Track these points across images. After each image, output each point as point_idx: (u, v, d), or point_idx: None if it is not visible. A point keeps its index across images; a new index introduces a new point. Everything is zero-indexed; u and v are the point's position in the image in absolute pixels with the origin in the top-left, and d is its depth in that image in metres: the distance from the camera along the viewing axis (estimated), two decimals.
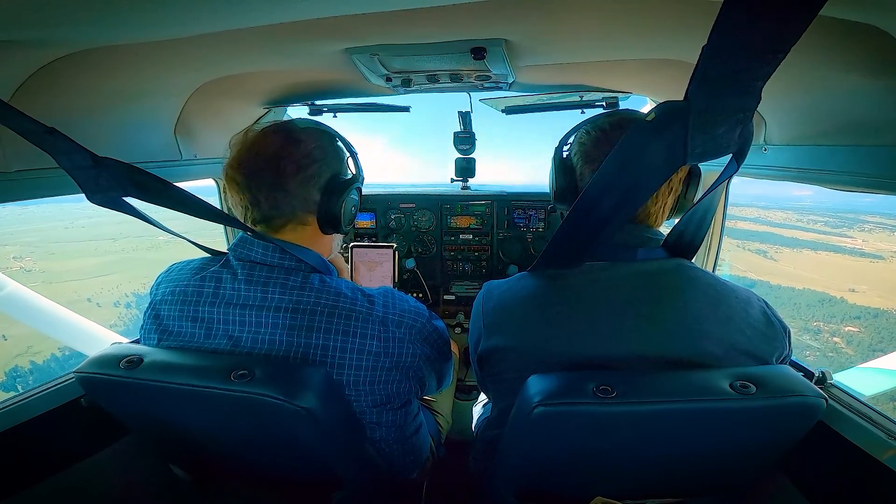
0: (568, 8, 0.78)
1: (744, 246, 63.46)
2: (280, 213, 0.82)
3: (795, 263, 56.77)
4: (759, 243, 63.63)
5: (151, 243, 54.94)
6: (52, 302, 1.82)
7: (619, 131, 0.79)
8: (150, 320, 0.83)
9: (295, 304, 0.76)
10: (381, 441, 0.89)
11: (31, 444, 0.93)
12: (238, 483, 0.97)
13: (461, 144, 1.85)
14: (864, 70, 0.77)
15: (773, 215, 75.18)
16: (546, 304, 0.78)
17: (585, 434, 0.68)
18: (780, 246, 63.20)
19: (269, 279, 0.78)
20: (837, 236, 65.33)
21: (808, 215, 69.19)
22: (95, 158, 0.70)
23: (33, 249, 59.30)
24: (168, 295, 0.81)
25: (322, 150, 0.83)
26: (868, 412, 0.85)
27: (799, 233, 65.71)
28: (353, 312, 0.78)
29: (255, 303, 0.77)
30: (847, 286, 44.67)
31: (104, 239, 59.53)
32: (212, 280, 0.80)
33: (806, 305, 44.24)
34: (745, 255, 61.21)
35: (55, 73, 0.85)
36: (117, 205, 0.76)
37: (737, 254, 61.84)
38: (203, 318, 0.78)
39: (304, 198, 0.82)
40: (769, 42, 0.46)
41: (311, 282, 0.79)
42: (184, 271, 0.84)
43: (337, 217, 0.85)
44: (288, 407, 0.65)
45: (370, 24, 0.83)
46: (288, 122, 0.85)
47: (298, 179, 0.80)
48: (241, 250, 0.81)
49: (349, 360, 0.77)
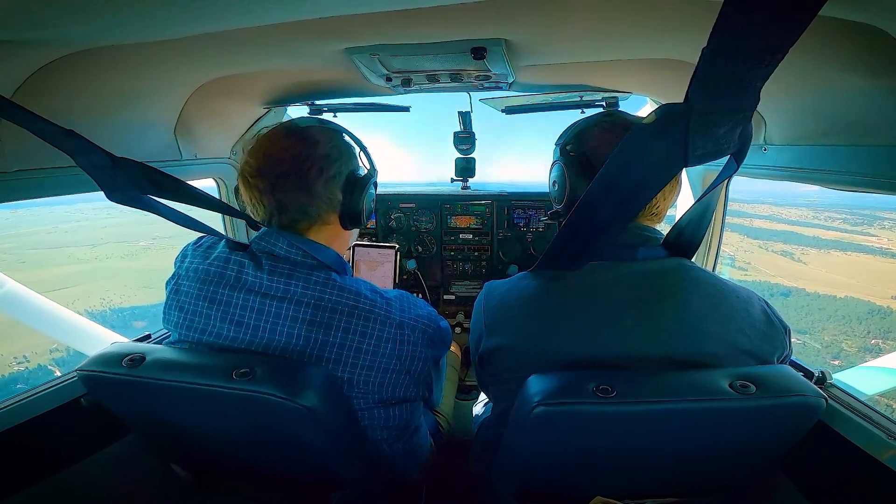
0: (568, 8, 0.78)
1: (766, 247, 59.65)
2: (306, 215, 0.82)
3: (827, 266, 52.67)
4: (782, 244, 59.88)
5: (128, 251, 52.77)
6: (52, 302, 1.82)
7: (620, 133, 0.79)
8: (172, 294, 0.84)
9: (317, 300, 0.77)
10: (382, 441, 0.90)
11: (31, 443, 0.93)
12: (238, 482, 0.97)
13: (461, 144, 1.85)
14: (864, 70, 0.77)
15: (788, 212, 71.05)
16: (547, 303, 0.78)
17: (585, 434, 0.69)
18: (806, 246, 59.12)
19: (294, 273, 0.79)
20: (860, 234, 61.62)
21: (825, 212, 65.22)
22: (114, 159, 0.71)
23: (5, 257, 57.51)
24: (192, 272, 0.82)
25: (338, 149, 0.84)
26: (868, 412, 0.85)
27: (820, 231, 61.80)
28: (372, 314, 0.78)
29: (278, 294, 0.77)
30: (889, 292, 41.43)
31: (84, 245, 57.23)
32: (235, 264, 0.80)
33: (856, 318, 39.92)
34: (771, 258, 57.11)
35: (55, 73, 0.85)
36: (136, 202, 0.77)
37: (761, 256, 58.02)
38: (221, 301, 0.79)
39: (329, 198, 0.83)
40: (769, 43, 0.46)
41: (334, 280, 0.80)
42: (212, 248, 0.84)
43: (359, 213, 0.86)
44: (289, 405, 0.65)
45: (370, 24, 0.83)
46: (297, 123, 0.86)
47: (322, 181, 0.81)
48: (265, 243, 0.82)
49: (363, 360, 0.78)
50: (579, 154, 0.85)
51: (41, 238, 65.66)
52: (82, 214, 75.91)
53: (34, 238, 65.04)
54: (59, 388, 0.99)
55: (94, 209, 72.26)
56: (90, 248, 56.35)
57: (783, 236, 62.45)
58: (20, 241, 63.43)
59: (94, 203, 62.97)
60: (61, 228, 69.00)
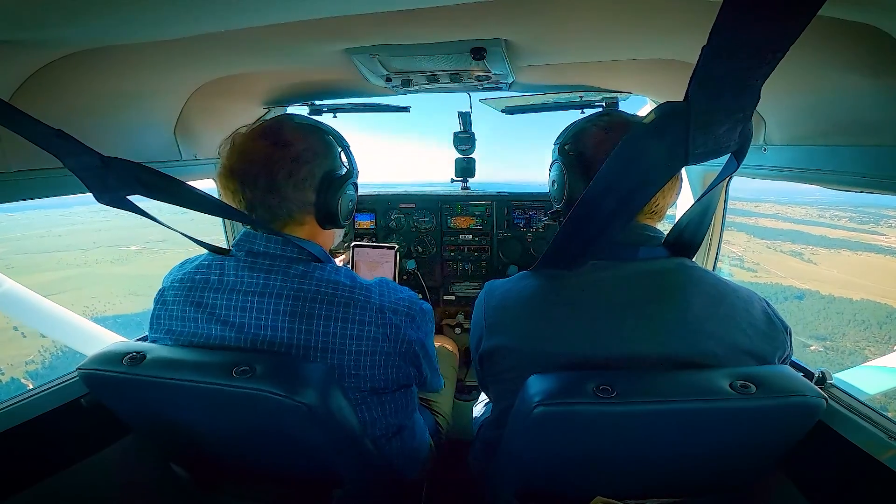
0: (568, 8, 0.78)
1: (775, 247, 58.16)
2: (276, 216, 0.84)
3: (838, 266, 50.93)
4: (790, 243, 58.34)
5: (120, 255, 51.37)
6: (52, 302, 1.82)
7: (619, 132, 0.79)
8: (159, 306, 0.85)
9: (296, 291, 0.78)
10: (382, 438, 0.90)
11: (31, 443, 0.93)
12: (238, 481, 0.97)
13: (461, 144, 1.85)
14: (864, 70, 0.77)
15: (793, 211, 69.50)
16: (547, 303, 0.78)
17: (585, 434, 0.68)
18: (815, 246, 57.36)
19: (272, 267, 0.80)
20: (867, 233, 60.12)
21: (830, 210, 63.40)
22: (103, 159, 0.70)
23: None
24: (176, 282, 0.84)
25: (312, 151, 0.84)
26: (868, 412, 0.85)
27: (827, 230, 60.23)
28: (352, 300, 0.79)
29: (258, 289, 0.79)
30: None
31: (76, 249, 55.76)
32: (217, 268, 0.82)
33: (876, 323, 38.50)
34: (780, 258, 55.32)
35: (55, 74, 0.85)
36: (125, 204, 0.77)
37: (769, 256, 56.44)
38: (206, 304, 0.80)
39: (300, 200, 0.84)
40: (768, 42, 0.46)
41: (312, 271, 0.81)
42: (195, 263, 0.86)
43: (334, 214, 0.87)
44: (289, 403, 0.65)
45: (370, 24, 0.83)
46: (275, 122, 0.86)
47: (291, 183, 0.81)
48: (244, 244, 0.83)
49: (349, 346, 0.79)
50: (577, 154, 0.85)
51: (32, 242, 64.00)
52: (77, 217, 74.46)
53: (25, 242, 63.40)
54: (60, 389, 0.99)
55: (90, 212, 70.83)
56: (82, 253, 55.23)
57: (791, 235, 60.84)
58: (10, 246, 61.75)
59: (91, 206, 60.29)
60: (54, 232, 67.47)
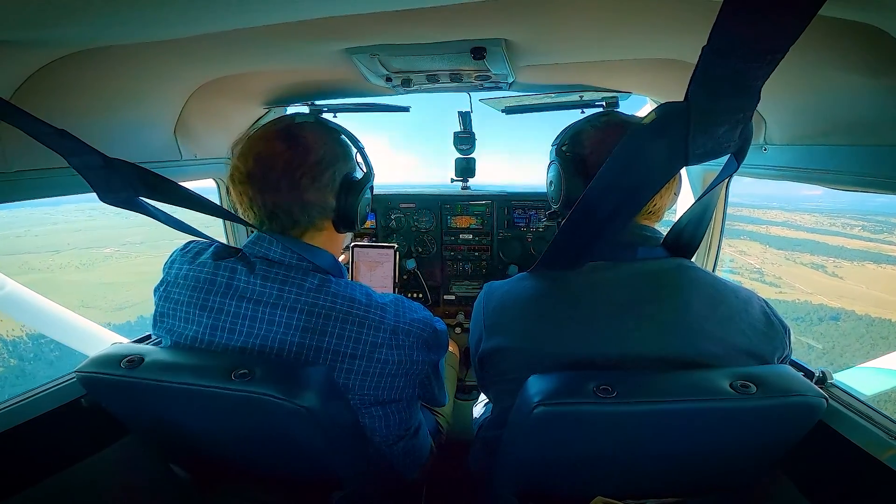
0: (568, 8, 0.78)
1: (793, 258, 54.76)
2: (298, 223, 0.81)
3: (866, 281, 48.29)
4: (809, 255, 55.13)
5: (88, 259, 48.71)
6: (52, 302, 1.83)
7: (616, 133, 0.79)
8: (162, 302, 0.82)
9: (311, 306, 0.76)
10: (382, 441, 0.89)
11: (31, 444, 0.93)
12: (238, 483, 0.97)
13: (461, 144, 1.85)
14: (864, 70, 0.77)
15: (802, 219, 66.26)
16: (547, 304, 0.78)
17: (585, 434, 0.68)
18: (835, 258, 54.12)
19: (287, 278, 0.77)
20: (884, 243, 57.04)
21: (839, 218, 60.53)
22: (106, 159, 0.70)
23: None
24: (181, 278, 0.81)
25: (332, 153, 0.82)
26: (868, 412, 0.85)
27: (844, 240, 57.07)
28: (366, 320, 0.77)
29: (271, 300, 0.76)
30: None
31: (47, 251, 52.86)
32: (226, 270, 0.79)
33: None
34: (802, 272, 52.09)
35: (55, 73, 0.85)
36: (129, 204, 0.76)
37: (789, 268, 53.01)
38: (213, 309, 0.77)
39: (322, 206, 0.81)
40: (769, 42, 0.46)
41: (328, 284, 0.78)
42: (201, 254, 0.83)
43: (353, 218, 0.85)
44: (288, 406, 0.65)
45: (370, 24, 0.83)
46: (290, 123, 0.83)
47: (315, 189, 0.79)
48: (258, 248, 0.81)
49: (357, 366, 0.77)
50: (574, 154, 0.85)
51: (8, 243, 61.82)
52: (61, 216, 72.62)
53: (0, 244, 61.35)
54: (59, 389, 0.99)
55: (78, 210, 68.91)
56: (51, 255, 52.58)
57: (808, 246, 57.67)
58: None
59: (81, 204, 58.93)
60: (33, 232, 65.05)
